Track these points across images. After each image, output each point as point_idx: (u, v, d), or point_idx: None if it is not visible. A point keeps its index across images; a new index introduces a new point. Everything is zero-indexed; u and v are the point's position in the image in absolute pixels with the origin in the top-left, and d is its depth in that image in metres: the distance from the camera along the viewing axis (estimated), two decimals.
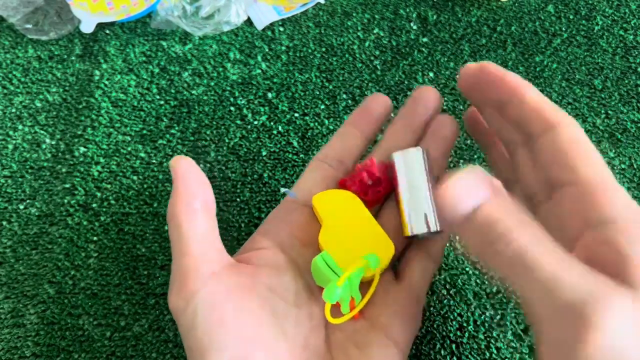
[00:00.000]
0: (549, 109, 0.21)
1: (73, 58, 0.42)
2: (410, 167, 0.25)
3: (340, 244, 0.24)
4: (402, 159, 0.26)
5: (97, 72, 0.41)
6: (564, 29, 0.44)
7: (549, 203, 0.21)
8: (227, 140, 0.38)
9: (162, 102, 0.40)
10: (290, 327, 0.23)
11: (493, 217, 0.17)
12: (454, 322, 0.32)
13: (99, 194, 0.36)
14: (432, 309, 0.32)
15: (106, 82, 0.41)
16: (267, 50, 0.42)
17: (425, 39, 0.43)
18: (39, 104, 0.40)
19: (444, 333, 0.32)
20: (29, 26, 0.42)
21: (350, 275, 0.23)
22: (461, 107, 0.37)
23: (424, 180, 0.25)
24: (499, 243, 0.17)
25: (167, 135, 0.38)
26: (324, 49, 0.43)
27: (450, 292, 0.33)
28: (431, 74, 0.41)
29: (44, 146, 0.38)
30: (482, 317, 0.31)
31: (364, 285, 0.25)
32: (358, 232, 0.25)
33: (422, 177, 0.25)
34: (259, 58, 0.42)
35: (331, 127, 0.39)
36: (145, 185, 0.36)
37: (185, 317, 0.22)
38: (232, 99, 0.40)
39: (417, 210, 0.25)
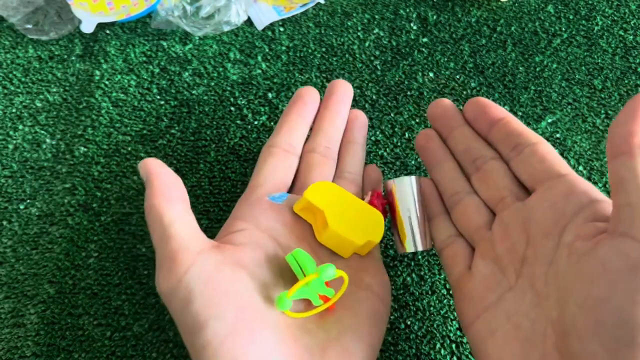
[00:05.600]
0: (531, 131, 0.28)
1: (73, 58, 0.42)
2: (405, 193, 0.30)
3: (348, 223, 0.28)
4: (399, 186, 0.30)
5: (98, 72, 0.41)
6: (563, 29, 0.44)
7: (531, 198, 0.26)
8: (227, 140, 0.38)
9: (162, 102, 0.40)
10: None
11: None
12: (453, 322, 0.32)
13: (99, 194, 0.36)
14: (432, 308, 0.32)
15: (106, 82, 0.41)
16: (267, 50, 0.43)
17: (425, 39, 0.43)
18: (39, 104, 0.40)
19: (444, 333, 0.32)
20: (29, 26, 0.42)
21: (308, 283, 0.24)
22: (460, 107, 0.37)
23: (417, 205, 0.30)
24: None
25: (167, 136, 0.38)
26: (324, 49, 0.43)
27: (450, 292, 0.33)
28: (431, 74, 0.41)
29: (44, 146, 0.38)
30: None
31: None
32: (354, 211, 0.28)
33: (415, 202, 0.30)
34: (259, 58, 0.42)
35: None
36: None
37: (178, 295, 0.23)
38: (232, 99, 0.40)
39: (415, 231, 0.29)
